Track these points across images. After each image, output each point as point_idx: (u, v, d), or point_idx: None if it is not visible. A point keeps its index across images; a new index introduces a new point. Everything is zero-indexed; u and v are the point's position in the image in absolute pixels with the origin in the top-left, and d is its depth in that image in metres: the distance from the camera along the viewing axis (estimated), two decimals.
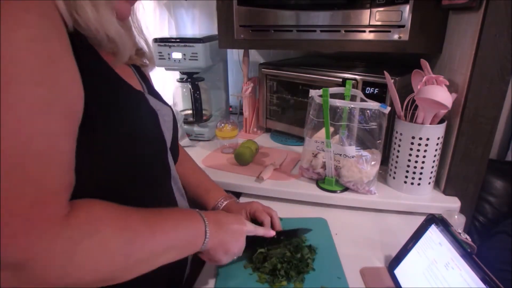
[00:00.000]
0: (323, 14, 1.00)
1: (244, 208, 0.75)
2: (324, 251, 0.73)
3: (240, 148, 1.08)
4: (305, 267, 0.67)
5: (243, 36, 1.14)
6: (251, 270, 0.68)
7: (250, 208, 0.74)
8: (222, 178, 0.99)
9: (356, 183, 0.89)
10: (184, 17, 1.55)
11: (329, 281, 0.65)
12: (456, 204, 0.87)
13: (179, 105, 1.37)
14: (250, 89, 1.28)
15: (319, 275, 0.66)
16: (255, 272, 0.67)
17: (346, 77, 1.03)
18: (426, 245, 0.64)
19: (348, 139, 0.87)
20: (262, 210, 0.74)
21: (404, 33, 0.93)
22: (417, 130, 0.84)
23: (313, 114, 0.90)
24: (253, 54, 1.52)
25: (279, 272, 0.65)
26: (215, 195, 0.78)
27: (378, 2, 0.92)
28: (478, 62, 0.77)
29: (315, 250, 0.73)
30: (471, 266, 0.53)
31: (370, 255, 0.74)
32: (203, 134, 1.29)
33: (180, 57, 1.19)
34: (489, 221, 1.11)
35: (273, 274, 0.65)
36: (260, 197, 0.94)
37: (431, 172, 0.87)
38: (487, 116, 0.80)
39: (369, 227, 0.84)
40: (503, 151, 1.28)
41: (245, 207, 0.75)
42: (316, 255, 0.71)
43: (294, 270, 0.66)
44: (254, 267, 0.68)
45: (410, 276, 0.63)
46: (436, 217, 0.65)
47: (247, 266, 0.69)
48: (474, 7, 0.77)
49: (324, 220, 0.85)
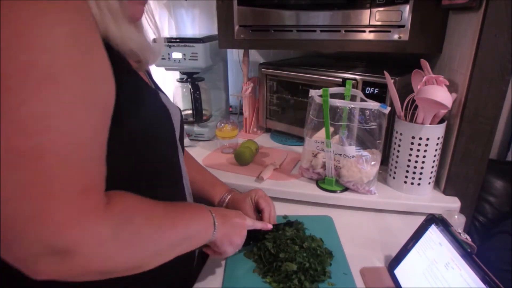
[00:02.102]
0: (323, 14, 1.00)
1: (249, 195, 0.78)
2: (330, 247, 0.73)
3: (240, 148, 1.08)
4: (322, 275, 0.64)
5: (243, 36, 1.14)
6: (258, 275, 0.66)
7: (255, 194, 0.77)
8: (222, 178, 0.98)
9: (356, 183, 0.89)
10: (184, 17, 1.55)
11: (335, 277, 0.65)
12: (456, 204, 0.87)
13: (179, 105, 1.36)
14: (250, 89, 1.28)
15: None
16: (264, 278, 0.65)
17: (346, 77, 1.03)
18: (426, 245, 0.64)
19: (348, 139, 0.87)
20: (265, 198, 0.77)
21: (404, 33, 0.93)
22: (417, 130, 0.84)
23: (313, 114, 0.90)
24: (253, 54, 1.52)
25: (292, 281, 0.62)
26: (220, 190, 0.82)
27: (378, 2, 0.92)
28: (478, 62, 0.77)
29: (332, 253, 0.71)
30: (471, 266, 0.53)
31: (370, 255, 0.74)
32: (203, 134, 1.29)
33: (180, 57, 1.19)
34: (489, 221, 1.11)
35: (284, 281, 0.63)
36: None
37: (431, 172, 0.87)
38: (487, 116, 0.80)
39: (369, 227, 0.84)
40: (503, 151, 1.28)
41: (249, 194, 0.78)
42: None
43: (309, 279, 0.63)
44: (262, 271, 0.66)
45: (410, 276, 0.63)
46: (436, 217, 0.65)
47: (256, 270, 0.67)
48: (474, 7, 0.77)
49: (330, 217, 0.86)
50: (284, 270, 0.64)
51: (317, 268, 0.65)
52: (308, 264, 0.65)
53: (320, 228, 0.80)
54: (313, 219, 0.83)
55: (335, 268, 0.67)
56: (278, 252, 0.67)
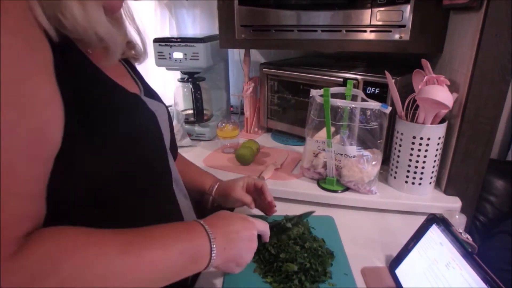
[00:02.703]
0: (324, 14, 1.00)
1: (241, 179, 0.77)
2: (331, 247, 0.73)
3: (241, 148, 1.08)
4: (323, 276, 0.64)
5: (244, 36, 1.14)
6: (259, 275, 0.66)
7: (247, 179, 0.77)
8: (223, 177, 0.97)
9: (357, 183, 0.90)
10: (185, 17, 1.56)
11: (336, 277, 0.65)
12: (457, 204, 0.87)
13: (180, 105, 1.37)
14: (251, 89, 1.28)
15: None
16: (265, 279, 0.65)
17: (347, 77, 1.03)
18: (427, 245, 0.64)
19: (349, 139, 0.87)
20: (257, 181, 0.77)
21: (405, 33, 0.93)
22: (418, 130, 0.84)
23: (314, 114, 0.90)
24: (254, 54, 1.52)
25: (292, 282, 0.62)
26: (210, 178, 0.81)
27: (379, 2, 0.92)
28: (478, 62, 0.77)
29: (333, 253, 0.71)
30: (472, 266, 0.53)
31: (371, 255, 0.74)
32: (204, 134, 1.30)
33: (181, 57, 1.19)
34: (490, 221, 1.11)
35: (285, 281, 0.62)
36: None
37: (432, 172, 0.87)
38: (488, 116, 0.80)
39: (370, 227, 0.84)
40: (504, 151, 1.28)
41: (241, 178, 0.78)
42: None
43: (310, 280, 0.63)
44: (263, 271, 0.66)
45: (411, 276, 0.63)
46: (437, 217, 0.65)
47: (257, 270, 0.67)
48: (474, 7, 0.77)
49: (331, 218, 0.86)
50: (284, 270, 0.64)
51: (318, 268, 0.65)
52: (308, 264, 0.65)
53: (322, 228, 0.80)
54: (314, 219, 0.83)
55: (336, 269, 0.68)
56: (279, 252, 0.67)
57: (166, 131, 0.61)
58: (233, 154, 1.12)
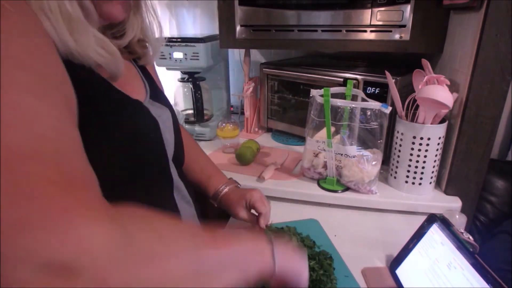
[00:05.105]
0: (324, 14, 1.00)
1: (243, 198, 0.72)
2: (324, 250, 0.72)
3: (241, 148, 1.08)
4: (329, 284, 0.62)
5: (244, 36, 1.14)
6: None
7: (250, 198, 0.72)
8: None
9: (357, 182, 0.90)
10: (185, 16, 1.56)
11: (338, 281, 0.65)
12: (457, 204, 0.87)
13: (180, 105, 1.37)
14: (251, 88, 1.28)
15: None
16: None
17: (347, 77, 1.03)
18: (428, 245, 0.64)
19: (349, 138, 0.87)
20: (262, 200, 0.72)
21: (405, 33, 0.93)
22: (418, 129, 0.84)
23: (314, 113, 0.90)
24: (254, 53, 1.52)
25: None
26: (215, 182, 0.78)
27: (379, 2, 0.92)
28: (479, 62, 0.77)
29: (331, 257, 0.69)
30: (473, 266, 0.53)
31: (372, 255, 0.74)
32: (204, 134, 1.30)
33: (181, 56, 1.19)
34: (490, 221, 1.11)
35: None
36: None
37: (432, 172, 0.87)
38: (488, 115, 0.80)
39: (370, 227, 0.84)
40: (504, 151, 1.28)
41: (244, 196, 0.72)
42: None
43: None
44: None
45: (412, 276, 0.63)
46: (437, 216, 0.65)
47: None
48: (475, 7, 0.77)
49: (316, 220, 0.85)
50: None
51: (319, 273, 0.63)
52: (314, 275, 0.62)
53: (310, 232, 0.76)
54: (299, 224, 0.80)
55: (336, 272, 0.67)
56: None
57: (170, 137, 0.60)
58: (233, 154, 1.11)
